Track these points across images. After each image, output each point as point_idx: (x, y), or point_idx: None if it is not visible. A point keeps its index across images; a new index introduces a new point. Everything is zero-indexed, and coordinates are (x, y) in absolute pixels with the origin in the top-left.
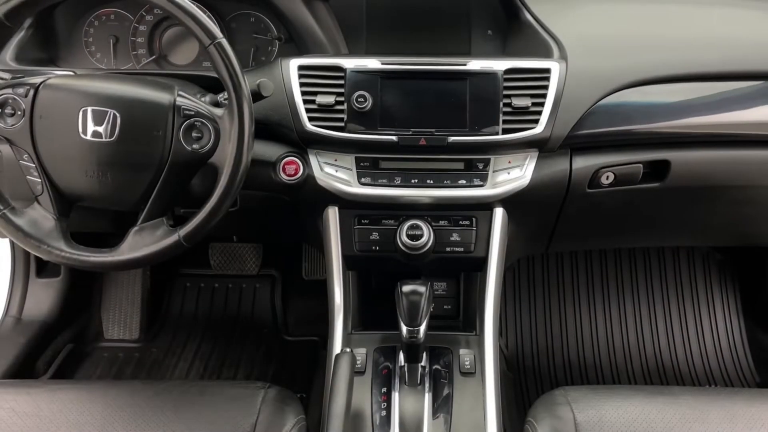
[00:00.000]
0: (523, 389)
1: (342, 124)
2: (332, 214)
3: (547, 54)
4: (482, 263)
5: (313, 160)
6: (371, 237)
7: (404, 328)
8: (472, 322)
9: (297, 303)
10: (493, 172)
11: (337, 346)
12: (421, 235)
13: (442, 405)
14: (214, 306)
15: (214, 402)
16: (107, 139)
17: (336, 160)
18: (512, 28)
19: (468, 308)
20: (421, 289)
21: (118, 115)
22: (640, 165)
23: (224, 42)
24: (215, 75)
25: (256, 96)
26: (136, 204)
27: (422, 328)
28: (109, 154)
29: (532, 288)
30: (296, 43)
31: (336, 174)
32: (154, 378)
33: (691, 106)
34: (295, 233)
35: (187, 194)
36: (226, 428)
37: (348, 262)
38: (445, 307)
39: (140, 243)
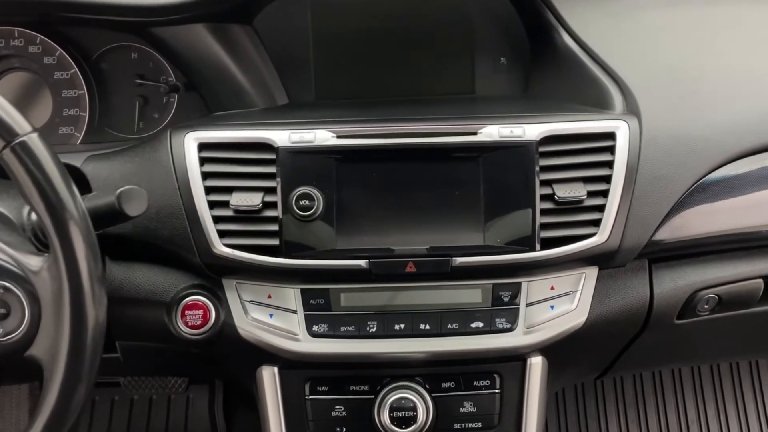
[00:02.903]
0: None
1: (275, 242)
2: (269, 379)
3: (602, 103)
4: None
5: (231, 298)
6: (333, 413)
7: None
8: None
9: (245, 416)
10: (527, 305)
11: None
12: (414, 418)
13: None
14: (132, 427)
15: None
16: None
17: (270, 297)
18: (540, 56)
19: None
20: None
21: None
22: (761, 281)
23: (32, 140)
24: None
25: (115, 216)
26: None
27: None
28: None
29: (561, 407)
30: (201, 92)
31: (270, 321)
32: None
33: None
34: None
35: None
36: None
37: None
38: None
39: None
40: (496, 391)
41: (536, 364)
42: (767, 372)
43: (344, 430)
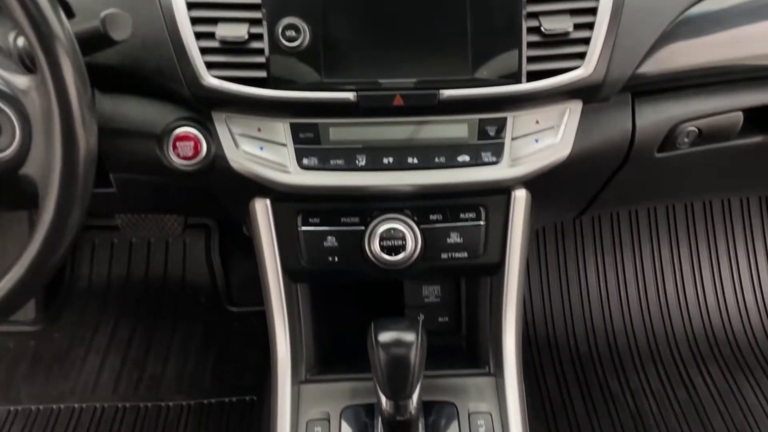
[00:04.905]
0: (537, 366)
1: (263, 74)
2: (261, 211)
3: None
4: (495, 269)
5: (222, 131)
6: (326, 244)
7: (384, 401)
8: (481, 351)
9: (241, 261)
10: (513, 139)
11: (284, 411)
12: (402, 246)
13: None
14: (132, 269)
15: None
16: None
17: (260, 131)
18: None
19: (474, 325)
20: (410, 337)
21: None
22: (740, 113)
23: None
24: None
25: (100, 41)
26: None
27: (414, 398)
28: None
29: (542, 247)
30: None
31: (261, 154)
32: (55, 378)
33: None
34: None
35: None
36: None
37: (292, 275)
38: (440, 319)
39: None
40: (481, 223)
41: (520, 197)
42: (738, 213)
43: (336, 259)
